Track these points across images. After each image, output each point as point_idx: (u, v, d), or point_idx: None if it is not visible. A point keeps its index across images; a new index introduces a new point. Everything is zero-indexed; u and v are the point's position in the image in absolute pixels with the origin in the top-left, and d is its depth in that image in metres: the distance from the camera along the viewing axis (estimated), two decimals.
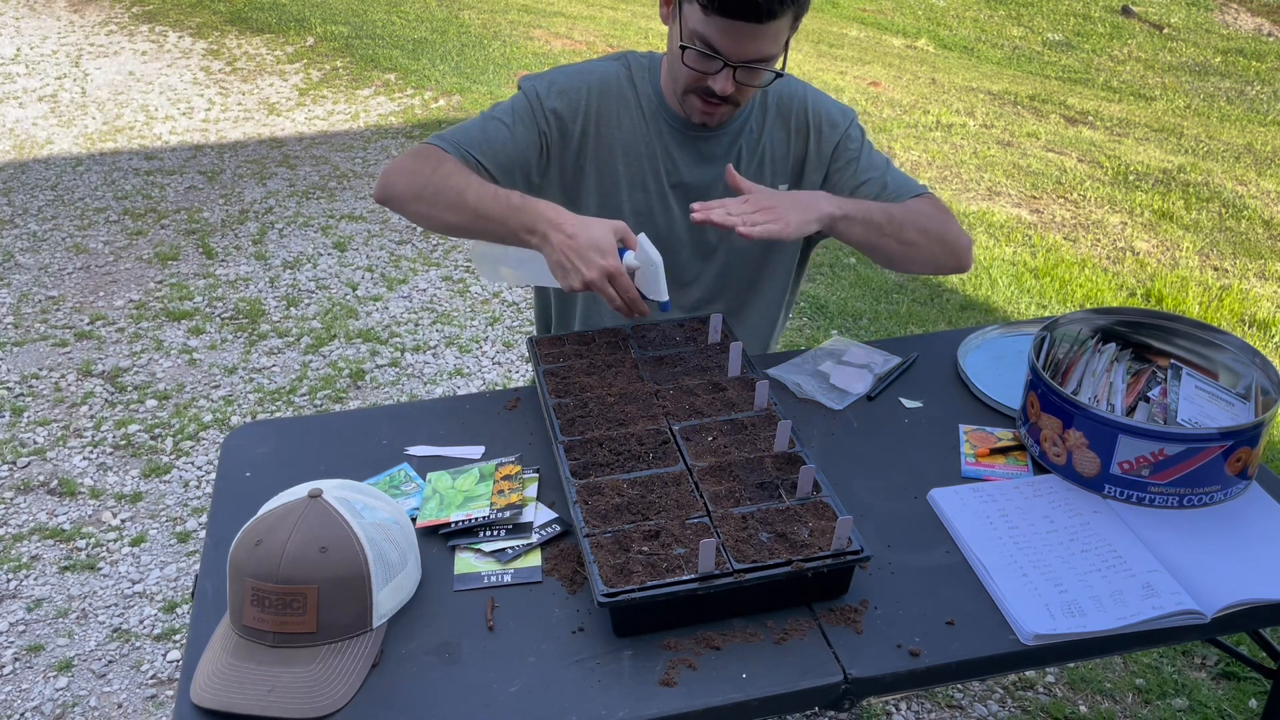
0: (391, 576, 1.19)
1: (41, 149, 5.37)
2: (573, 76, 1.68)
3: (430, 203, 1.57)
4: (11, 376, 3.41)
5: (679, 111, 1.67)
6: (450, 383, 3.43)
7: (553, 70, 1.72)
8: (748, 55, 1.52)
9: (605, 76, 1.69)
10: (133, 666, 2.35)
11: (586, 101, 1.67)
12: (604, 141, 1.69)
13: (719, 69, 1.53)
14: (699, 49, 1.52)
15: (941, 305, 3.99)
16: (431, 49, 6.90)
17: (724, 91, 1.54)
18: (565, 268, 1.46)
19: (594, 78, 1.69)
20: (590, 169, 1.70)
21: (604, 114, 1.68)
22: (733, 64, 1.52)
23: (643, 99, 1.69)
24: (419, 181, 1.58)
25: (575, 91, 1.67)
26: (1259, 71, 8.96)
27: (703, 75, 1.55)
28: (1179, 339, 1.59)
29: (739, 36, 1.49)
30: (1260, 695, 2.25)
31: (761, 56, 1.53)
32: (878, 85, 6.89)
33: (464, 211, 1.55)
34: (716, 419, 1.43)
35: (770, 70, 1.56)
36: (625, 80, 1.70)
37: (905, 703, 2.27)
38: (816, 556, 1.18)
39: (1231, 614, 1.22)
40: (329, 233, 4.44)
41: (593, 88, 1.68)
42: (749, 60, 1.52)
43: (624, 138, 1.69)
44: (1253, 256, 4.64)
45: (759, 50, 1.51)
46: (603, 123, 1.68)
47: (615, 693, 1.11)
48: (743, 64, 1.52)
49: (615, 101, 1.68)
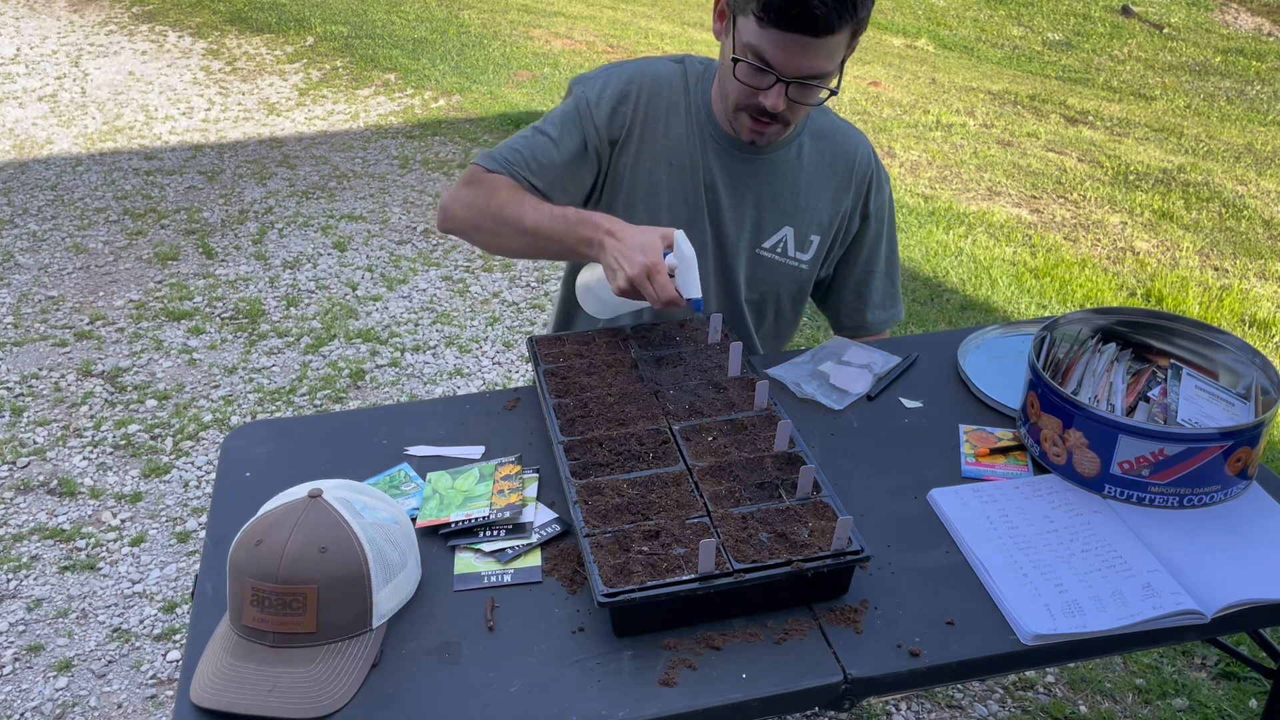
0: (391, 576, 1.19)
1: (41, 149, 5.37)
2: (624, 79, 1.65)
3: (492, 232, 1.61)
4: (11, 376, 3.41)
5: (727, 129, 1.64)
6: (450, 383, 3.43)
7: (606, 69, 1.68)
8: (801, 71, 1.47)
9: (659, 78, 1.66)
10: (133, 666, 2.35)
11: (635, 104, 1.64)
12: (649, 147, 1.66)
13: (771, 84, 1.49)
14: (752, 62, 1.48)
15: (941, 305, 3.98)
16: (431, 49, 6.90)
17: (775, 108, 1.51)
18: (613, 269, 1.47)
19: (647, 79, 1.65)
20: (636, 175, 1.67)
21: (652, 118, 1.65)
22: (786, 79, 1.48)
23: (693, 108, 1.66)
24: (477, 212, 1.61)
25: (624, 97, 1.64)
26: (1259, 71, 8.96)
27: (754, 90, 1.51)
28: (1179, 339, 1.59)
29: (794, 50, 1.45)
30: (1260, 695, 2.25)
31: (816, 73, 1.48)
32: (878, 85, 6.89)
33: (525, 235, 1.57)
34: (716, 419, 1.43)
35: (825, 88, 1.51)
36: (679, 85, 1.66)
37: (905, 703, 2.27)
38: (816, 556, 1.18)
39: (1231, 614, 1.22)
40: (329, 233, 4.44)
41: (644, 89, 1.65)
42: (803, 76, 1.48)
43: (670, 145, 1.66)
44: (1253, 256, 4.64)
45: (814, 66, 1.47)
46: (649, 128, 1.65)
47: (615, 693, 1.11)
48: (796, 79, 1.48)
49: (665, 106, 1.65)
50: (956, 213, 4.81)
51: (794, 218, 1.72)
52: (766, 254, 1.74)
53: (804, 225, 1.73)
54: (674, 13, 8.86)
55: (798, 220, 1.72)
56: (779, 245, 1.73)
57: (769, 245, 1.73)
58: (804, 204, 1.71)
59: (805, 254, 1.75)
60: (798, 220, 1.72)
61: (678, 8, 9.14)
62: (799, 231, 1.72)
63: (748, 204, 1.69)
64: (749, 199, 1.69)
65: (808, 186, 1.71)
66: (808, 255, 1.75)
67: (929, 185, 5.16)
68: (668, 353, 1.60)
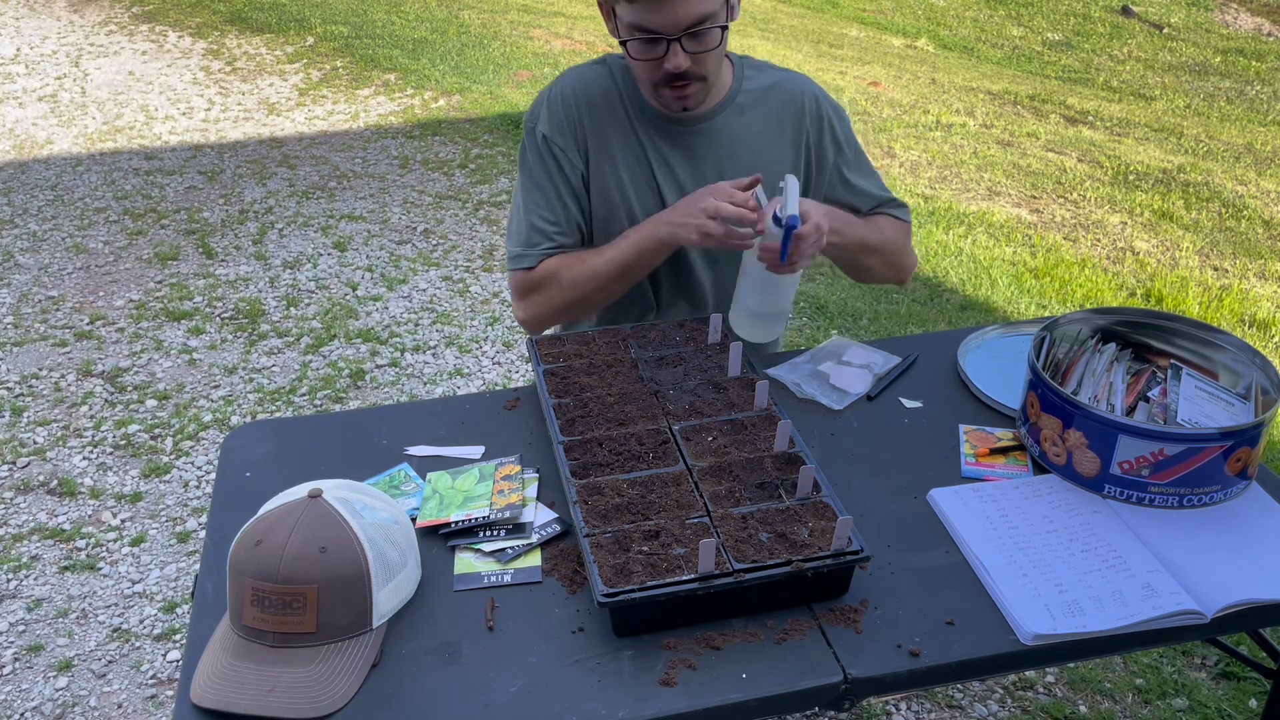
0: (391, 576, 1.19)
1: (41, 149, 5.37)
2: (561, 96, 1.70)
3: (582, 305, 1.71)
4: (11, 376, 3.41)
5: (662, 109, 1.67)
6: (450, 383, 3.43)
7: (542, 95, 1.73)
8: (683, 22, 1.50)
9: (589, 83, 1.70)
10: (133, 666, 2.35)
11: (579, 116, 1.68)
12: (605, 149, 1.69)
13: (665, 49, 1.53)
14: (639, 37, 1.53)
15: (941, 305, 3.99)
16: (431, 49, 6.90)
17: (679, 67, 1.54)
18: (685, 224, 1.54)
19: (580, 87, 1.69)
20: (603, 179, 1.70)
21: (596, 121, 1.69)
22: (673, 37, 1.51)
23: (627, 100, 1.70)
24: (558, 308, 1.70)
25: (568, 112, 1.68)
26: (1259, 71, 8.96)
27: (657, 61, 1.55)
28: (1179, 339, 1.59)
29: (665, 8, 1.48)
30: (1260, 695, 2.25)
31: (698, 18, 1.51)
32: (878, 85, 6.89)
33: (610, 283, 1.66)
34: (716, 419, 1.43)
35: (716, 26, 1.54)
36: (609, 83, 1.70)
37: (905, 703, 2.27)
38: (816, 556, 1.18)
39: (1231, 614, 1.22)
40: (329, 233, 4.44)
41: (580, 98, 1.69)
42: (687, 27, 1.51)
43: (620, 139, 1.69)
44: (1253, 256, 4.64)
45: (691, 13, 1.50)
46: (597, 131, 1.69)
47: (615, 693, 1.11)
48: (684, 33, 1.51)
49: (604, 106, 1.69)
50: (956, 213, 4.81)
51: (758, 166, 1.71)
52: None
53: (771, 178, 1.72)
54: None
55: (763, 175, 1.72)
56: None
57: None
58: (765, 158, 1.72)
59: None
60: (763, 175, 1.72)
61: None
62: (767, 184, 1.72)
63: (709, 174, 1.70)
64: (709, 168, 1.71)
65: (763, 140, 1.72)
66: None
67: (929, 185, 5.16)
68: (668, 353, 1.60)
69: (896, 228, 1.80)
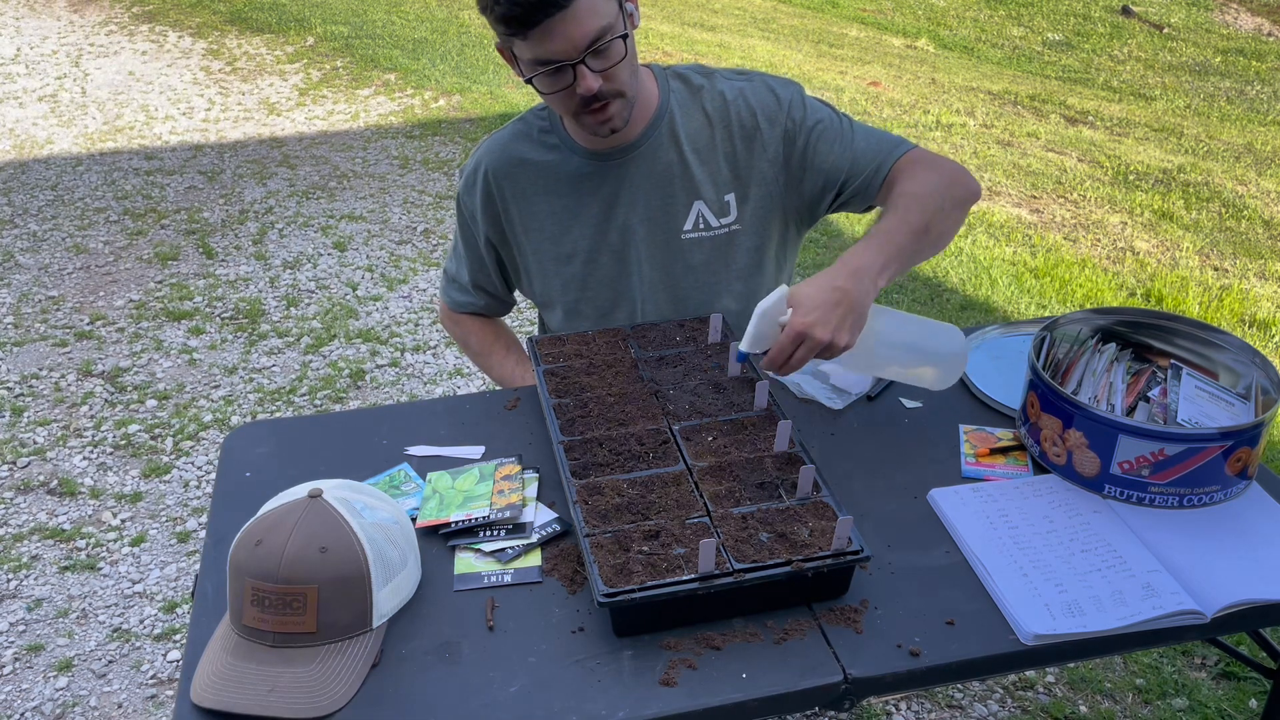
0: (391, 576, 1.19)
1: (41, 149, 5.38)
2: (474, 167, 1.73)
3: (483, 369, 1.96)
4: (11, 376, 3.41)
5: (591, 144, 1.65)
6: (450, 383, 3.43)
7: (469, 161, 1.76)
8: (580, 44, 1.45)
9: (504, 145, 1.71)
10: (133, 666, 2.35)
11: (491, 184, 1.71)
12: (529, 212, 1.71)
13: (572, 75, 1.48)
14: (542, 71, 1.48)
15: (941, 305, 3.99)
16: (431, 49, 6.90)
17: (589, 90, 1.48)
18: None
19: (494, 153, 1.71)
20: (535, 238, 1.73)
21: (517, 189, 1.70)
22: (575, 61, 1.47)
23: (550, 148, 1.68)
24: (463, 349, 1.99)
25: (485, 189, 1.72)
26: (1259, 71, 8.96)
27: (568, 91, 1.50)
28: (1179, 339, 1.59)
29: (557, 34, 1.43)
30: (1260, 695, 2.25)
31: (594, 36, 1.46)
32: (878, 85, 6.89)
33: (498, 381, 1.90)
34: (716, 419, 1.43)
35: (615, 37, 1.48)
36: (526, 138, 1.70)
37: (905, 703, 2.27)
38: (816, 556, 1.18)
39: (1231, 614, 1.22)
40: (329, 233, 4.44)
41: (491, 167, 1.70)
42: (586, 47, 1.46)
43: (547, 195, 1.70)
44: (1253, 256, 4.64)
45: (585, 32, 1.44)
46: (519, 198, 1.71)
47: (615, 693, 1.11)
48: (584, 54, 1.46)
49: (524, 172, 1.69)
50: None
51: (699, 189, 1.68)
52: (692, 235, 1.70)
53: (712, 191, 1.69)
54: (674, 13, 8.86)
55: (704, 190, 1.68)
56: (699, 222, 1.70)
57: (689, 227, 1.70)
58: (702, 172, 1.68)
59: (728, 216, 1.71)
60: (704, 190, 1.68)
61: (678, 8, 9.14)
62: (710, 200, 1.69)
63: (650, 198, 1.68)
64: (647, 194, 1.68)
65: (695, 154, 1.68)
66: (731, 216, 1.71)
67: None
68: (668, 353, 1.60)
69: (919, 181, 1.57)
